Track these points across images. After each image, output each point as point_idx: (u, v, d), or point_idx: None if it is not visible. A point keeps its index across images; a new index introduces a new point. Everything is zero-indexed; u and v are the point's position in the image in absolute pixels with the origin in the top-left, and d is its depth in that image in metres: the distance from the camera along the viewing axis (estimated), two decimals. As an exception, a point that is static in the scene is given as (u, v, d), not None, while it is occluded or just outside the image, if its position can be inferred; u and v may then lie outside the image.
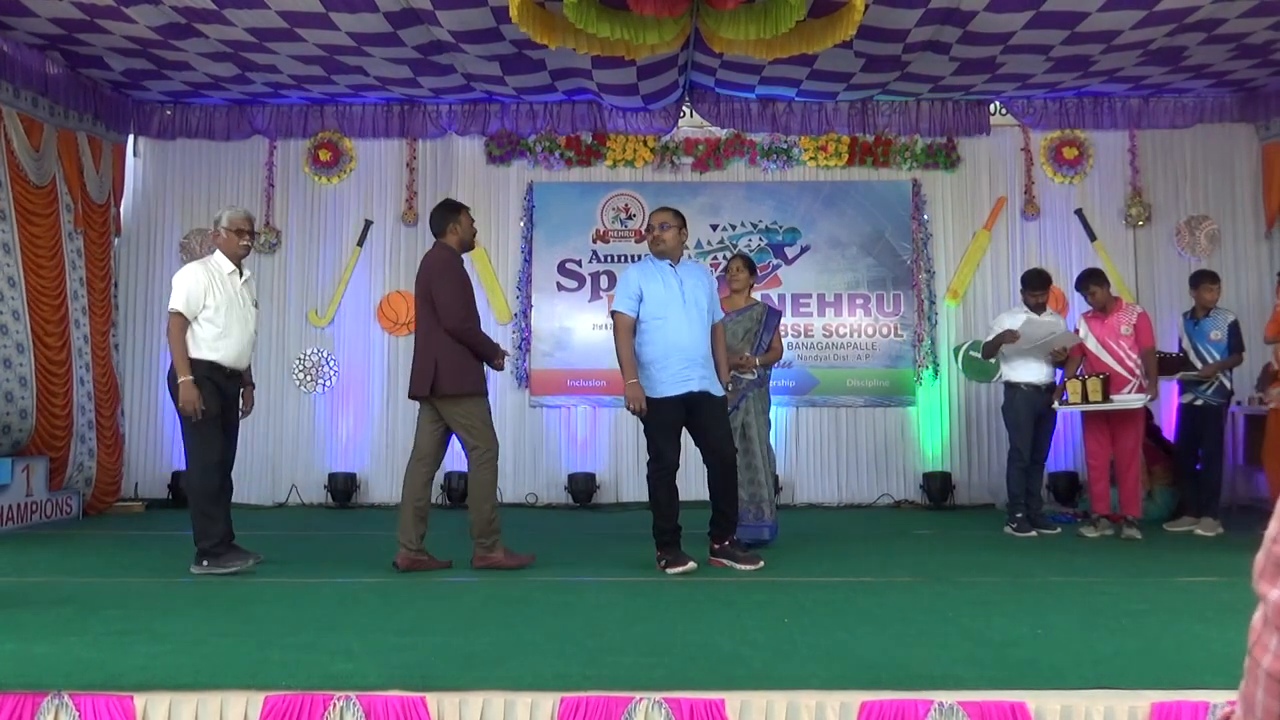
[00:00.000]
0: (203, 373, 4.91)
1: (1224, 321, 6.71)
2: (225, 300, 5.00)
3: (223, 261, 5.11)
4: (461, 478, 8.30)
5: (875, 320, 8.56)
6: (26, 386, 6.99)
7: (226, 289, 5.04)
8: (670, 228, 5.15)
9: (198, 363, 4.92)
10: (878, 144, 8.59)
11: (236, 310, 5.05)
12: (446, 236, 5.33)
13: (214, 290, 4.98)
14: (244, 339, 5.10)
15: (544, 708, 2.79)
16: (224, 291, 5.02)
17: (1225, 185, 8.48)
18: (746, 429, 5.85)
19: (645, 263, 5.25)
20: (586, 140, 8.61)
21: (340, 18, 6.48)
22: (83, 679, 2.91)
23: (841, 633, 3.60)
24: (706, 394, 5.03)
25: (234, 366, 5.06)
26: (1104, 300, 6.53)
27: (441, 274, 5.17)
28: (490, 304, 8.56)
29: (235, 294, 5.08)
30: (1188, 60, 7.40)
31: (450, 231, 5.33)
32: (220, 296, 4.99)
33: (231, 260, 5.12)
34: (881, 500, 8.42)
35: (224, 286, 5.04)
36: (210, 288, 4.98)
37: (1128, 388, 6.35)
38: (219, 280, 5.04)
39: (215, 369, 4.97)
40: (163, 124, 8.58)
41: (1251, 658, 0.80)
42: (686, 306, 5.04)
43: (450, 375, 5.06)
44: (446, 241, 5.33)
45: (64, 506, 7.31)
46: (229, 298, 5.03)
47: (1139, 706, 2.78)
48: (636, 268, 5.23)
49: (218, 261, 5.11)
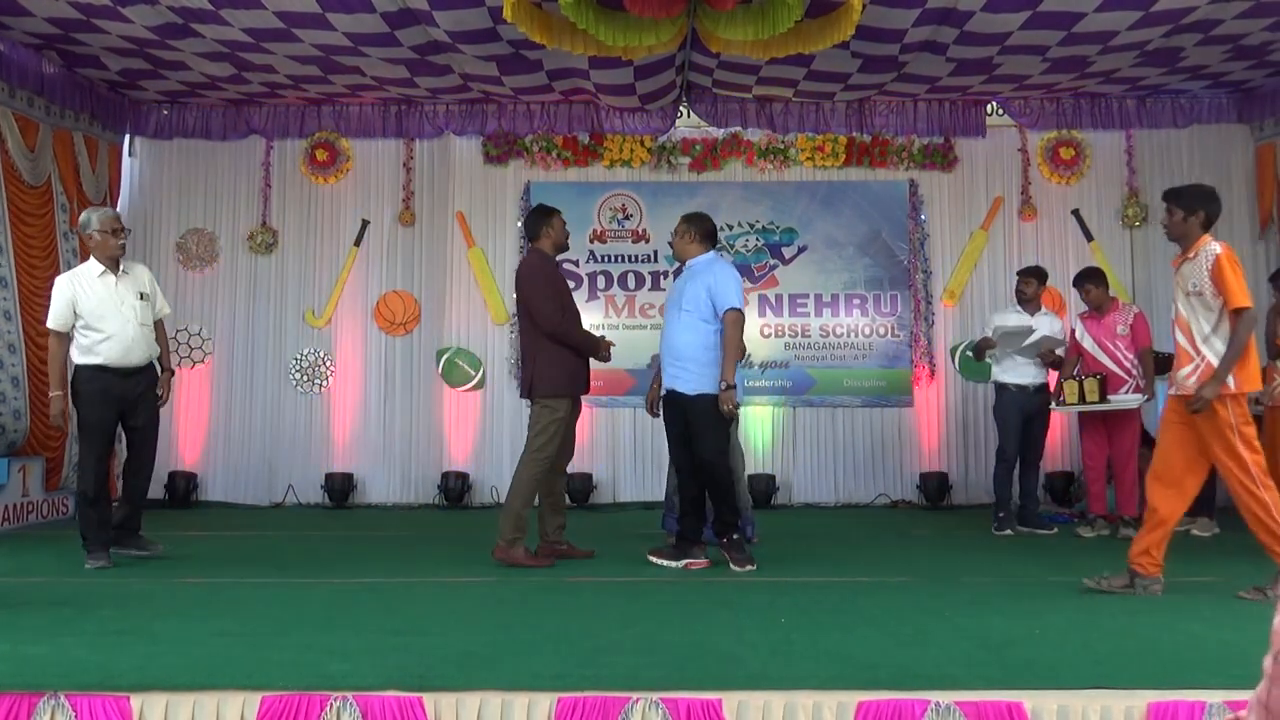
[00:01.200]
0: (90, 380, 5.08)
1: None
2: (97, 303, 5.12)
3: (92, 266, 5.23)
4: (459, 477, 8.31)
5: (872, 320, 8.56)
6: (19, 387, 6.98)
7: (97, 292, 5.15)
8: (674, 234, 5.43)
9: (84, 369, 5.09)
10: (875, 144, 8.59)
11: (114, 308, 5.15)
12: (540, 241, 5.49)
13: (83, 297, 5.12)
14: (127, 336, 5.16)
15: (541, 708, 2.79)
16: (94, 295, 5.13)
17: (1222, 186, 8.41)
18: None
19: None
20: (583, 140, 8.61)
21: (337, 18, 6.47)
22: (79, 679, 2.91)
23: (838, 633, 3.61)
24: (672, 391, 5.16)
25: (122, 364, 5.15)
26: (1099, 300, 6.54)
27: (534, 280, 5.34)
28: (487, 304, 8.57)
29: (110, 294, 5.17)
30: (1184, 61, 7.41)
31: (544, 235, 5.48)
32: (91, 300, 5.12)
33: (105, 262, 5.21)
34: (878, 500, 8.42)
35: (93, 290, 5.15)
36: (77, 296, 5.11)
37: (1124, 388, 6.36)
38: (85, 286, 5.15)
39: (105, 371, 5.11)
40: (159, 124, 8.56)
41: (1277, 662, 0.80)
42: (676, 309, 5.20)
43: (543, 378, 5.28)
44: (540, 246, 5.49)
45: (60, 507, 7.30)
46: (100, 300, 5.13)
47: (1135, 706, 2.78)
48: None
49: (86, 268, 5.24)
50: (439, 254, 8.63)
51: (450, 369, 8.51)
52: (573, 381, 5.36)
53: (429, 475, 8.43)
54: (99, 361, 5.10)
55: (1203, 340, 4.33)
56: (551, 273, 5.45)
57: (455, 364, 8.52)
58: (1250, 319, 4.23)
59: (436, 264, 8.63)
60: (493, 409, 8.54)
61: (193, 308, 8.56)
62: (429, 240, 8.66)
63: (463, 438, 8.49)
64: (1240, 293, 4.22)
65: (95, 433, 5.14)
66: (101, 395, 5.10)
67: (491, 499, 8.35)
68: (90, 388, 5.09)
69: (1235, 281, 4.23)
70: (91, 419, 5.12)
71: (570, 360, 5.33)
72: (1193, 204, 4.41)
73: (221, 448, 8.44)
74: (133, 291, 5.26)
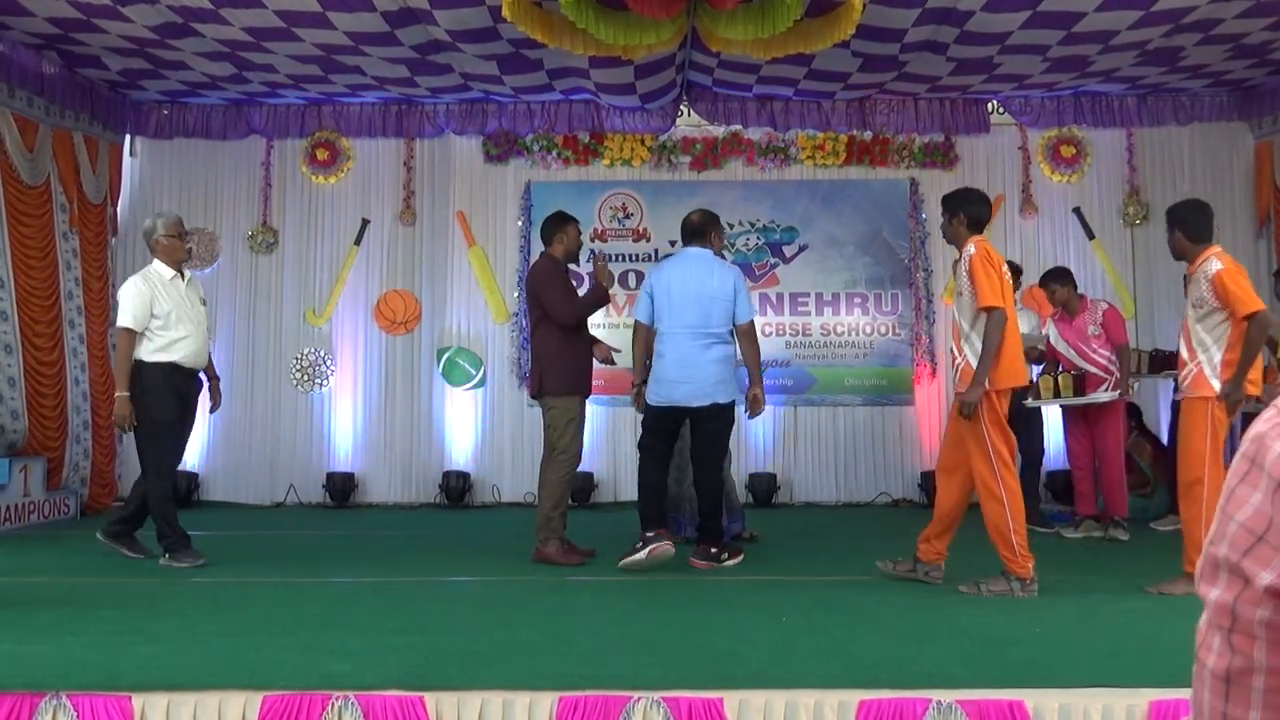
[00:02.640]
0: (161, 378, 5.13)
1: None
2: (173, 305, 5.21)
3: (162, 269, 5.31)
4: (460, 477, 8.31)
5: (873, 319, 8.56)
6: (15, 387, 6.98)
7: (171, 294, 5.24)
8: (714, 239, 5.52)
9: (157, 367, 5.13)
10: (875, 143, 8.59)
11: (186, 312, 5.26)
12: (553, 246, 5.58)
13: (159, 299, 5.18)
14: (199, 338, 5.31)
15: (542, 707, 2.79)
16: (170, 298, 5.22)
17: (1223, 184, 8.48)
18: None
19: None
20: (584, 139, 8.61)
21: (338, 17, 6.47)
22: (81, 679, 2.91)
23: (840, 631, 3.61)
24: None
25: (192, 366, 5.28)
26: (1065, 298, 6.42)
27: (544, 281, 5.46)
28: (488, 303, 8.57)
29: (181, 297, 5.28)
30: (1185, 60, 7.40)
31: (557, 241, 5.57)
32: (167, 303, 5.20)
33: (172, 266, 5.31)
34: (880, 499, 8.42)
35: (168, 293, 5.24)
36: (155, 297, 5.18)
37: (1103, 387, 6.25)
38: (162, 288, 5.23)
39: (175, 371, 5.18)
40: (160, 124, 8.55)
41: (1198, 660, 0.81)
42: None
43: (551, 378, 5.35)
44: (552, 251, 5.58)
45: (61, 506, 7.30)
46: (175, 302, 5.23)
47: (1137, 705, 2.78)
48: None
49: (158, 270, 5.31)
50: (440, 253, 8.63)
51: (451, 368, 8.51)
52: (580, 379, 5.43)
53: (430, 474, 8.43)
54: (174, 360, 5.17)
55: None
56: (560, 274, 5.55)
57: (456, 363, 8.52)
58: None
59: (437, 263, 8.63)
60: (493, 408, 8.54)
61: (193, 307, 8.55)
62: (429, 239, 8.66)
63: (463, 437, 8.49)
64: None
65: (167, 429, 5.19)
66: (173, 393, 5.17)
67: (493, 498, 8.35)
68: (162, 385, 5.14)
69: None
70: (164, 416, 5.16)
71: (576, 360, 5.41)
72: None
73: (222, 447, 8.44)
74: (196, 296, 5.42)
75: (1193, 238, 4.52)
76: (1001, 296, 4.35)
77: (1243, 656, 0.76)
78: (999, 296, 4.33)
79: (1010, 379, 4.42)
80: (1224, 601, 0.77)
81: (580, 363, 5.45)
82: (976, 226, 4.61)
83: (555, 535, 5.27)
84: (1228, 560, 0.76)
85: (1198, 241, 4.51)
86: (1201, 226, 4.51)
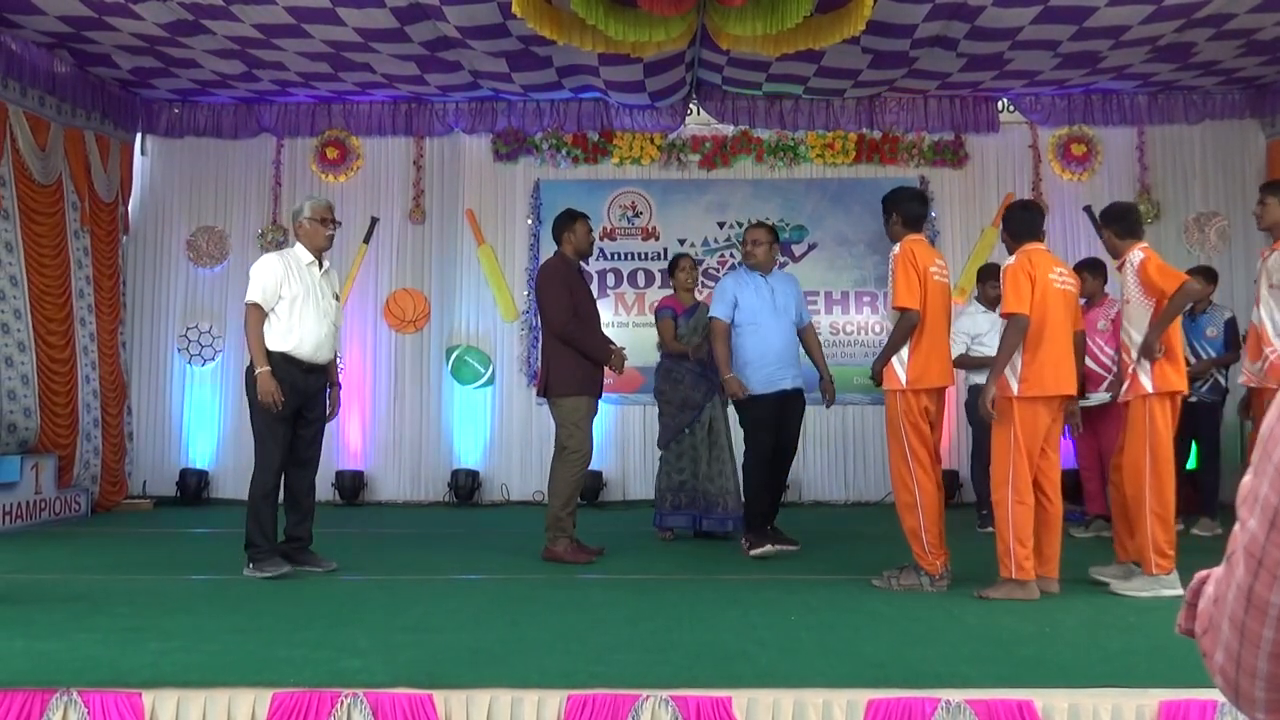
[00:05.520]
0: (277, 368, 4.78)
1: (1220, 318, 6.61)
2: (302, 291, 4.89)
3: (301, 253, 5.01)
4: (469, 475, 8.32)
5: (883, 318, 8.52)
6: (29, 385, 7.01)
7: (305, 280, 4.94)
8: (761, 244, 5.70)
9: (271, 355, 4.80)
10: (885, 141, 8.57)
11: (314, 301, 4.93)
12: (562, 245, 5.60)
13: (290, 281, 4.87)
14: (321, 330, 4.94)
15: (551, 705, 2.79)
16: (301, 283, 4.91)
17: (1234, 182, 8.43)
18: (714, 423, 6.04)
19: (740, 272, 5.83)
20: (593, 138, 8.61)
21: (348, 13, 6.48)
22: (92, 676, 2.93)
23: (848, 631, 3.60)
24: (799, 390, 5.69)
25: (311, 360, 4.91)
26: (1091, 291, 6.34)
27: (546, 282, 5.49)
28: (497, 302, 8.58)
29: (314, 285, 4.97)
30: (1196, 57, 7.36)
31: (565, 240, 5.58)
32: (298, 287, 4.88)
33: (313, 251, 5.03)
34: (889, 498, 8.35)
35: (301, 278, 4.93)
36: (287, 278, 4.87)
37: (1103, 386, 6.17)
38: (296, 271, 4.93)
39: (291, 361, 4.84)
40: (170, 122, 8.58)
41: (1228, 562, 0.84)
42: (777, 314, 5.61)
43: (556, 378, 5.36)
44: (561, 249, 5.59)
45: (73, 504, 7.34)
46: (306, 288, 4.91)
47: (1147, 705, 2.77)
48: (731, 278, 5.81)
49: (296, 253, 5.02)
50: (449, 251, 8.64)
51: (460, 366, 8.52)
52: (587, 380, 5.40)
53: (439, 473, 8.44)
54: (287, 350, 4.81)
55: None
56: (567, 275, 5.49)
57: (465, 361, 8.53)
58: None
59: (446, 262, 8.64)
60: (502, 406, 8.55)
61: (203, 305, 8.57)
62: (439, 238, 8.67)
63: (472, 435, 8.50)
64: None
65: (277, 424, 4.82)
66: (286, 385, 4.78)
67: (501, 496, 8.36)
68: (275, 376, 4.76)
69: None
70: (280, 411, 4.78)
71: (576, 362, 5.38)
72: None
73: (232, 445, 8.45)
74: (330, 289, 5.11)
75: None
76: (917, 298, 4.50)
77: (1266, 585, 0.79)
78: (913, 299, 4.50)
79: (928, 379, 4.58)
80: (1257, 536, 0.80)
81: (588, 363, 5.42)
82: (914, 225, 4.78)
83: (565, 534, 5.27)
84: (1267, 500, 0.79)
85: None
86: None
